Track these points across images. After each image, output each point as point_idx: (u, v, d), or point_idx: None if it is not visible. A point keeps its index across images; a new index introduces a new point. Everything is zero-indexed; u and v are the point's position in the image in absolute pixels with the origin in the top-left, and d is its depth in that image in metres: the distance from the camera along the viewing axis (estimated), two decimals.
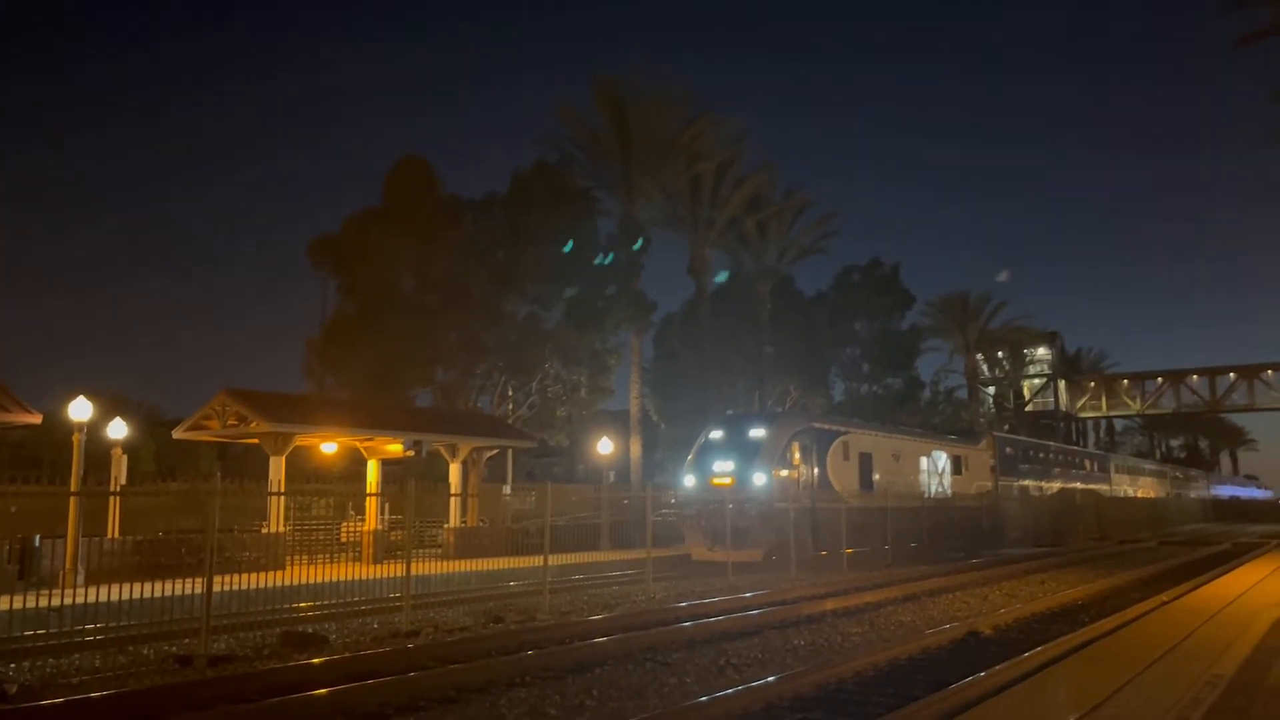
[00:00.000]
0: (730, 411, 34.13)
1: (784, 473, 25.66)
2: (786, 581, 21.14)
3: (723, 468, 25.55)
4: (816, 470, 26.72)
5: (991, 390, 78.70)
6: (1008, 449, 42.11)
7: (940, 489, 33.44)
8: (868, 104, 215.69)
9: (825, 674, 9.82)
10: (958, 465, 35.33)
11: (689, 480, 26.23)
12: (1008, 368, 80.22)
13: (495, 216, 34.45)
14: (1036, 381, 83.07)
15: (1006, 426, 65.35)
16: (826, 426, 28.35)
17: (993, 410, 75.25)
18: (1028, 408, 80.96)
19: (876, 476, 29.18)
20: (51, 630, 12.81)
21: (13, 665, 10.77)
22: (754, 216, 44.01)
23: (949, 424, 49.84)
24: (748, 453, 25.56)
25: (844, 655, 11.44)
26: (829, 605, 16.20)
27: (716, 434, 27.05)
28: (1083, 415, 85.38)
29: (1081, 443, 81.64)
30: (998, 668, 9.54)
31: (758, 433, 26.33)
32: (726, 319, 42.76)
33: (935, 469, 33.48)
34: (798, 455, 26.35)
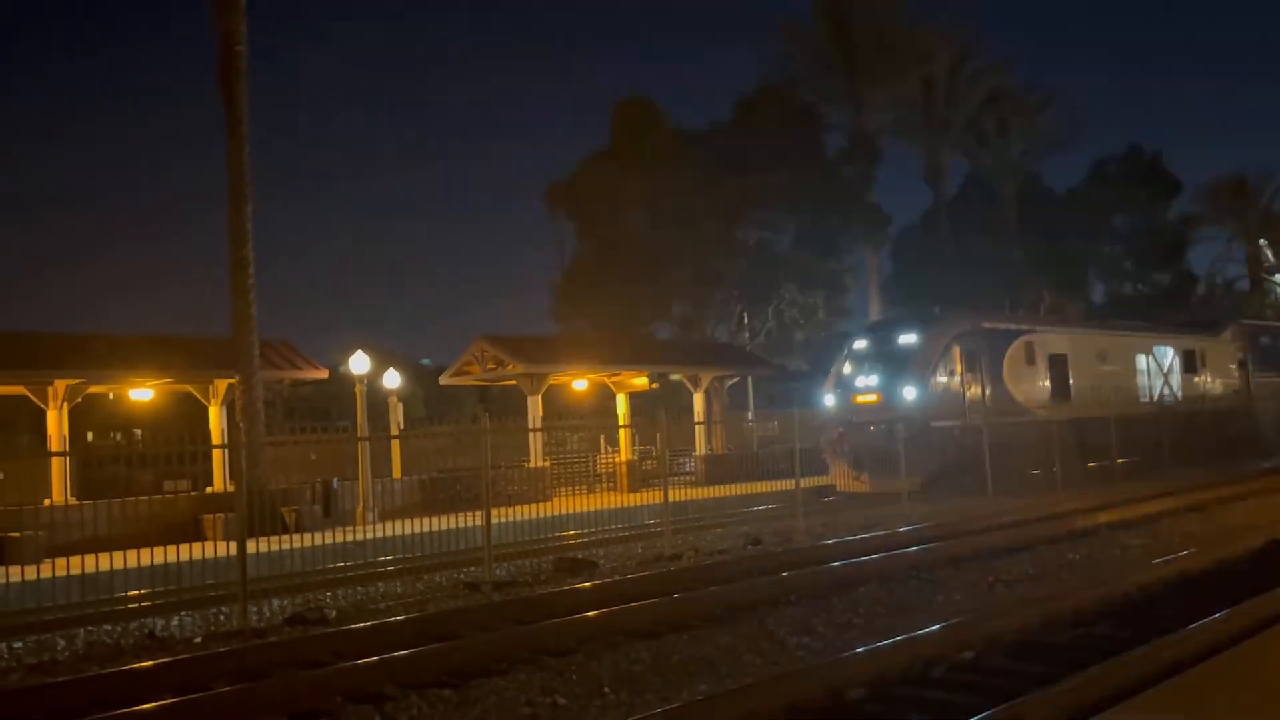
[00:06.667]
0: (877, 316, 29.97)
1: (943, 383, 22.14)
2: (1052, 498, 20.18)
3: (866, 382, 22.17)
4: (990, 379, 22.71)
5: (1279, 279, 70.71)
6: (1263, 339, 35.71)
7: (1168, 391, 28.50)
8: None
9: (1106, 589, 9.31)
10: (1190, 361, 29.88)
11: (829, 400, 22.94)
12: None
13: (719, 145, 34.33)
14: None
15: None
16: (1000, 326, 24.22)
17: None
18: None
19: (1074, 382, 24.71)
20: (356, 562, 14.32)
21: (329, 594, 12.10)
22: (993, 114, 41.45)
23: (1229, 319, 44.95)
24: (897, 362, 22.07)
25: (1125, 569, 10.82)
26: (1101, 518, 15.33)
27: (861, 343, 23.49)
28: None
29: None
30: None
31: (908, 339, 22.51)
32: (968, 225, 40.71)
33: (1159, 368, 28.52)
34: (959, 362, 22.45)
